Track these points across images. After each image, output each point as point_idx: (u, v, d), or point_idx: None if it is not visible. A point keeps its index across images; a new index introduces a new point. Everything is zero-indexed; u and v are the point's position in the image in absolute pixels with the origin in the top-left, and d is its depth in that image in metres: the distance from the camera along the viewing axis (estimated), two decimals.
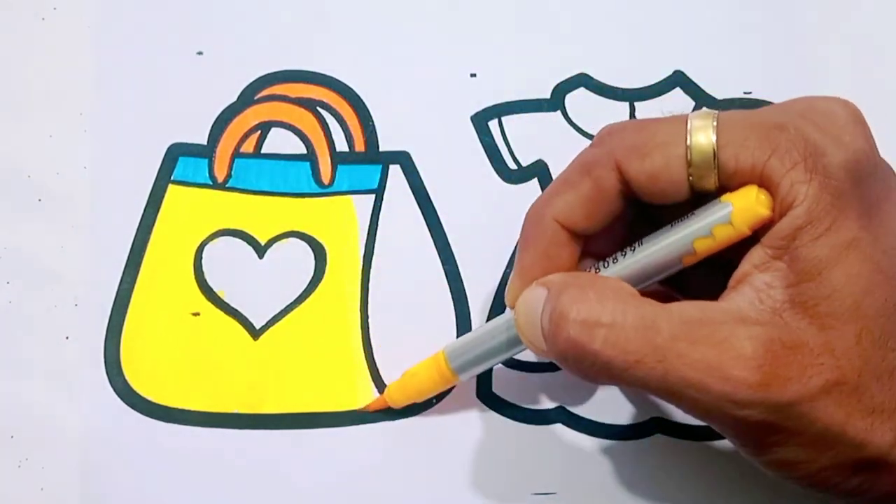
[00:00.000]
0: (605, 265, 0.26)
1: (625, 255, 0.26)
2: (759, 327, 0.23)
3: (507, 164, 0.34)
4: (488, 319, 0.32)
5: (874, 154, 0.24)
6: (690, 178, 0.24)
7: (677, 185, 0.24)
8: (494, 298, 0.33)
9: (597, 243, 0.28)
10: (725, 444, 0.32)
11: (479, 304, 0.33)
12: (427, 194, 0.33)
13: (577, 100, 0.34)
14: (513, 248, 0.33)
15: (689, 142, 0.24)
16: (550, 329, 0.24)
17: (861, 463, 0.23)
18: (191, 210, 0.33)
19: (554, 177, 0.31)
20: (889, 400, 0.23)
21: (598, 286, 0.24)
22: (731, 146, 0.24)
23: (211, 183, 0.33)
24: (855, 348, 0.23)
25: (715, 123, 0.24)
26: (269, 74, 0.34)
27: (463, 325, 0.32)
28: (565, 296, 0.24)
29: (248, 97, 0.34)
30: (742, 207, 0.23)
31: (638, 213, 0.27)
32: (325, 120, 0.34)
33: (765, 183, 0.23)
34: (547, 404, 0.32)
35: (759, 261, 0.23)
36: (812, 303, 0.23)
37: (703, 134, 0.24)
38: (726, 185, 0.24)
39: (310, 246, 0.33)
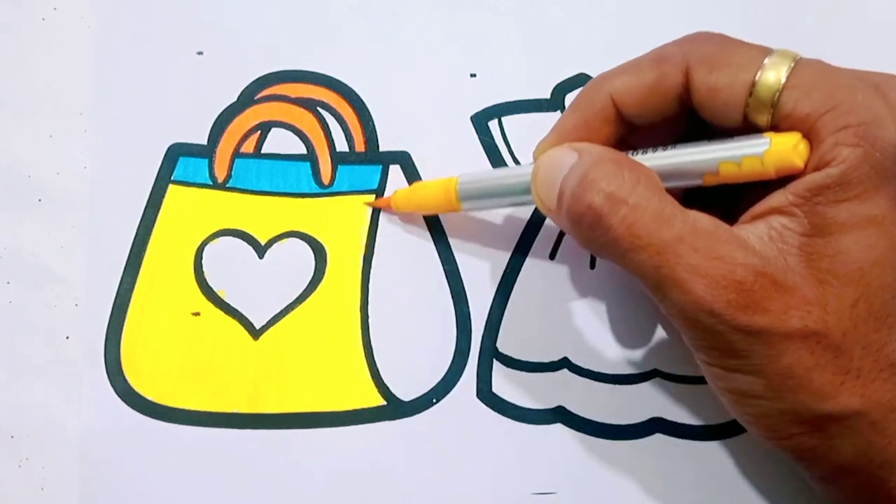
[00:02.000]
0: (634, 153, 0.27)
1: (655, 150, 0.26)
2: (758, 259, 0.24)
3: (506, 165, 0.34)
4: (487, 321, 0.33)
5: None
6: (747, 107, 0.25)
7: (733, 110, 0.25)
8: (494, 298, 0.33)
9: (640, 139, 0.28)
10: (725, 444, 0.32)
11: (479, 304, 0.33)
12: None
13: None
14: (512, 247, 0.33)
15: (759, 73, 0.24)
16: (576, 191, 0.25)
17: (821, 418, 0.24)
18: (191, 210, 0.33)
19: None
20: (869, 369, 0.24)
21: (635, 168, 0.25)
22: (796, 90, 0.24)
23: (211, 183, 0.33)
24: (848, 311, 0.24)
25: (792, 65, 0.24)
26: (269, 74, 0.34)
27: (463, 325, 0.32)
28: (601, 166, 0.25)
29: (248, 97, 0.34)
30: (778, 149, 0.24)
31: (692, 131, 0.27)
32: (325, 120, 0.34)
33: (812, 135, 0.24)
34: (547, 404, 0.32)
35: (779, 203, 0.24)
36: (817, 257, 0.24)
37: (776, 70, 0.24)
38: (776, 126, 0.25)
39: (310, 246, 0.33)
